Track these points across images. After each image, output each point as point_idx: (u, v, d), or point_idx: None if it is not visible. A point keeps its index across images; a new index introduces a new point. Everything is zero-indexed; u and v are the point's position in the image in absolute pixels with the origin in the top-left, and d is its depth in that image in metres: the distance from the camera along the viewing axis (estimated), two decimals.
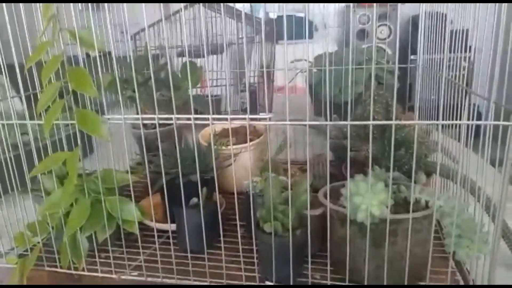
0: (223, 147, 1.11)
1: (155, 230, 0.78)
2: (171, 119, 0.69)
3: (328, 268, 0.76)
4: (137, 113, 1.00)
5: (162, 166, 0.78)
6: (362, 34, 3.46)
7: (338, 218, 0.74)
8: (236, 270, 0.78)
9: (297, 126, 1.27)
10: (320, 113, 1.63)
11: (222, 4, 1.89)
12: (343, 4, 4.01)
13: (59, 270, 0.82)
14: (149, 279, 0.78)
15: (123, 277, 0.79)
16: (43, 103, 0.69)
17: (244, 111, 2.09)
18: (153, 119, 0.69)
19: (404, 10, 3.29)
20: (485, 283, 0.69)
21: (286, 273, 0.73)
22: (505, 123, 0.61)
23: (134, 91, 1.26)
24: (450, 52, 0.96)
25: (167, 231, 0.94)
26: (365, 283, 0.71)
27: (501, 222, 0.68)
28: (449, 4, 0.84)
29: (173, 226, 0.90)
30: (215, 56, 2.05)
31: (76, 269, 0.81)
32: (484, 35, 0.75)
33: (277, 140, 1.19)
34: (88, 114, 0.68)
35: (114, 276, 0.79)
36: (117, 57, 1.19)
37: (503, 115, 0.62)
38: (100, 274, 0.80)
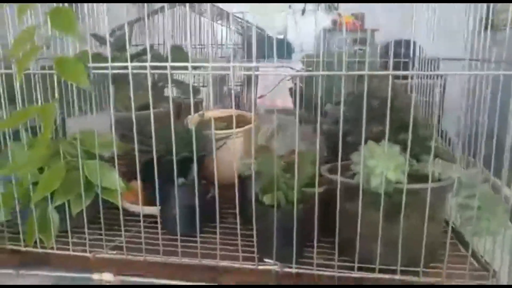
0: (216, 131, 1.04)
1: (141, 214, 0.69)
2: (145, 67, 0.61)
3: (337, 250, 0.67)
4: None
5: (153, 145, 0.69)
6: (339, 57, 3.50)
7: (346, 191, 0.67)
8: (230, 251, 0.69)
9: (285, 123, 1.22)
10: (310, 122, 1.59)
11: (208, 4, 1.85)
12: (321, 28, 4.08)
13: (22, 248, 0.71)
14: (130, 257, 0.68)
15: (98, 256, 0.69)
16: (16, 47, 0.60)
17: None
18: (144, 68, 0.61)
19: (380, 37, 3.38)
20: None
21: (288, 251, 0.65)
22: None
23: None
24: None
25: (148, 216, 0.85)
26: (376, 263, 0.64)
27: None
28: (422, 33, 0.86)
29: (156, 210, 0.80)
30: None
31: (43, 248, 0.70)
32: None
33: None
34: (69, 61, 0.60)
35: (88, 254, 0.69)
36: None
37: None
38: (72, 253, 0.69)
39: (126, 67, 0.61)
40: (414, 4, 0.59)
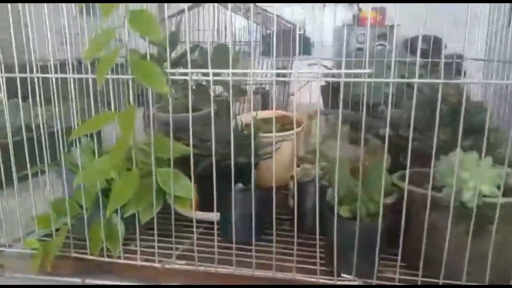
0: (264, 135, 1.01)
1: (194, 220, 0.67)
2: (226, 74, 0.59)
3: (421, 268, 0.64)
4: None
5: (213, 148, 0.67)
6: (360, 53, 3.46)
7: (424, 203, 0.63)
8: (291, 262, 0.67)
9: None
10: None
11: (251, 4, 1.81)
12: (340, 23, 4.03)
13: (88, 257, 0.69)
14: (201, 268, 0.65)
15: (167, 266, 0.67)
16: (92, 50, 0.58)
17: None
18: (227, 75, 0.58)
19: (401, 32, 3.31)
20: None
21: (369, 265, 0.62)
22: None
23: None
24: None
25: (205, 222, 0.83)
26: (463, 282, 0.61)
27: None
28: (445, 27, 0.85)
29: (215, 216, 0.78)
30: None
31: (110, 256, 0.68)
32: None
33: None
34: (149, 66, 0.57)
35: (157, 265, 0.66)
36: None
37: None
38: (139, 263, 0.67)
39: (207, 74, 0.58)
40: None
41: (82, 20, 0.85)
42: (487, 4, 0.85)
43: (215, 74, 0.59)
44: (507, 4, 0.71)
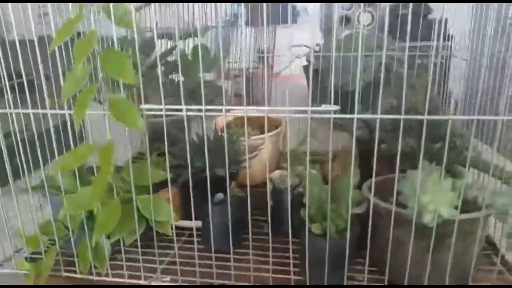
0: (242, 138, 1.04)
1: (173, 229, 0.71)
2: (180, 110, 0.61)
3: (387, 276, 0.69)
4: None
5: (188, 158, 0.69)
6: (345, 20, 3.42)
7: (389, 217, 0.68)
8: (268, 272, 0.72)
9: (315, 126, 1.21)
10: (325, 101, 1.58)
11: None
12: None
13: (78, 275, 0.73)
14: (184, 284, 0.70)
15: (153, 283, 0.71)
16: (69, 88, 0.59)
17: (238, 96, 2.01)
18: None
19: None
20: None
21: (338, 276, 0.68)
22: None
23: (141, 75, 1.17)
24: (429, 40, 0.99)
25: (187, 229, 0.87)
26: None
27: None
28: None
29: (196, 224, 0.82)
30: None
31: (98, 274, 0.73)
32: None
33: (298, 131, 1.13)
34: (123, 103, 0.59)
35: (143, 282, 0.71)
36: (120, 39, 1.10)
37: None
38: (126, 280, 0.72)
39: (180, 110, 0.60)
40: None
41: None
42: None
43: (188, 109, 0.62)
44: None
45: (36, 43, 0.65)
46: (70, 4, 0.61)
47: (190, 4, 1.60)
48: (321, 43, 1.77)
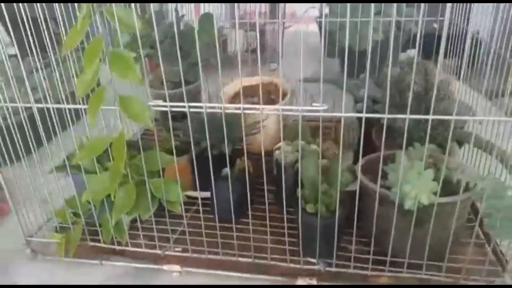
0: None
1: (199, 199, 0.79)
2: (184, 107, 0.67)
3: (372, 246, 0.78)
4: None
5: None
6: None
7: (378, 197, 0.74)
8: (272, 242, 0.81)
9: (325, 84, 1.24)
10: (333, 55, 1.59)
11: None
12: None
13: (102, 245, 0.84)
14: (195, 255, 0.80)
15: (167, 252, 0.82)
16: (83, 87, 0.65)
17: (252, 52, 2.03)
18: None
19: None
20: None
21: (328, 249, 0.76)
22: None
23: (152, 47, 1.21)
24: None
25: (197, 198, 0.95)
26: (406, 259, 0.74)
27: None
28: None
29: (204, 194, 0.91)
30: None
31: (119, 243, 0.83)
32: None
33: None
34: (131, 100, 0.66)
35: (158, 251, 0.81)
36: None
37: None
38: (144, 250, 0.82)
39: (184, 106, 0.66)
40: None
41: None
42: None
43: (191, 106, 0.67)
44: None
45: None
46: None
47: None
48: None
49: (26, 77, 0.73)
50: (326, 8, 1.70)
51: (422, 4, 0.64)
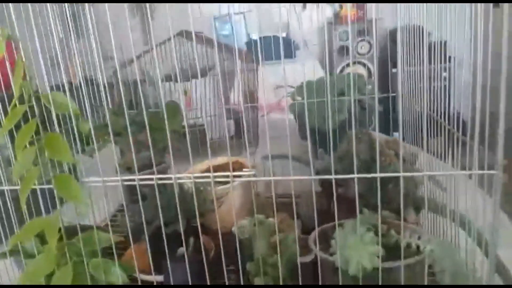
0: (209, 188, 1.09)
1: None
2: (152, 179, 0.67)
3: None
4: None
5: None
6: (343, 51, 3.50)
7: (330, 266, 0.72)
8: None
9: (284, 162, 1.26)
10: (305, 138, 1.63)
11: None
12: (323, 21, 4.04)
13: None
14: None
15: None
16: (18, 170, 0.67)
17: (230, 138, 2.09)
18: (134, 180, 0.67)
19: (382, 25, 3.32)
20: None
21: None
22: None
23: (118, 134, 1.25)
24: (429, 63, 0.99)
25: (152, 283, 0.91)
26: None
27: (494, 259, 0.67)
28: (425, 16, 0.87)
29: (158, 278, 0.87)
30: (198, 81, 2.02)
31: None
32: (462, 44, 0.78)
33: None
34: (66, 178, 0.66)
35: None
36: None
37: None
38: None
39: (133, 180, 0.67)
40: None
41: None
42: None
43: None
44: None
45: None
46: None
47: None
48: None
49: None
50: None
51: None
